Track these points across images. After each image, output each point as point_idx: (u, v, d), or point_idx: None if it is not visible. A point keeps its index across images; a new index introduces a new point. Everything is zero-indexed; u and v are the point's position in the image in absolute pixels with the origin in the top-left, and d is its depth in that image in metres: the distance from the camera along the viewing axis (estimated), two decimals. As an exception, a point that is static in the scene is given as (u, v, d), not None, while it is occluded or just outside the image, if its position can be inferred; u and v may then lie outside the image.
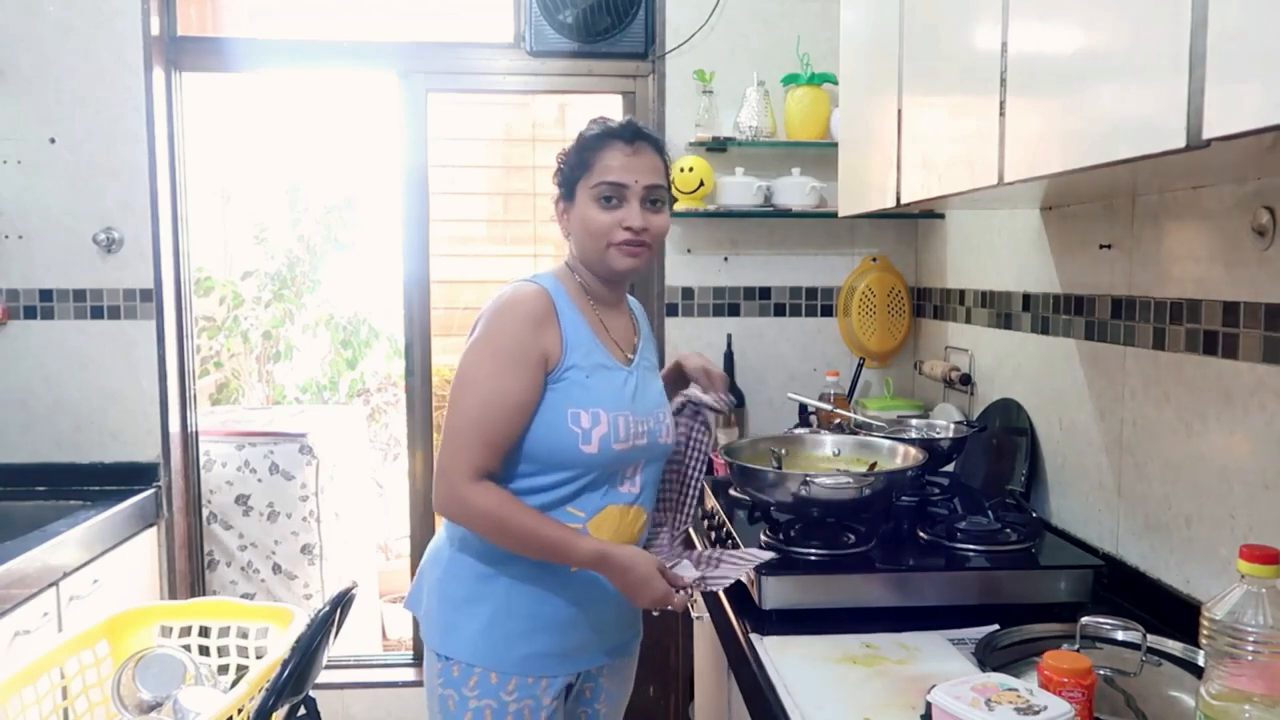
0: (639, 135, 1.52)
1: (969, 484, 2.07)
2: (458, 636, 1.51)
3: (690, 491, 1.69)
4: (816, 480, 1.62)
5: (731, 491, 2.00)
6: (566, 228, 1.57)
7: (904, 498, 1.92)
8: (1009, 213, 2.15)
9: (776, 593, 1.57)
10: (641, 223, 1.49)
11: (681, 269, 2.73)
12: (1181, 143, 0.91)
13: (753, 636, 1.50)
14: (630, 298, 1.71)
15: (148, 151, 2.59)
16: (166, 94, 2.67)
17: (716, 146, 2.62)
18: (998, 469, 2.10)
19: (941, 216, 2.58)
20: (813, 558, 1.65)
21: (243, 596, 3.28)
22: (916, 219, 2.69)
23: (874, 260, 2.77)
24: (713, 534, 1.95)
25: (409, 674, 2.91)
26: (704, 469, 1.70)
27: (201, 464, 2.93)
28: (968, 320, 2.40)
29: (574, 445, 1.46)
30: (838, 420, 2.30)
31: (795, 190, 2.59)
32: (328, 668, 1.91)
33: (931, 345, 2.66)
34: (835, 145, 2.29)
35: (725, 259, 2.74)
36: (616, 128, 1.52)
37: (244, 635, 2.06)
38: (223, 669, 2.05)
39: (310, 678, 1.81)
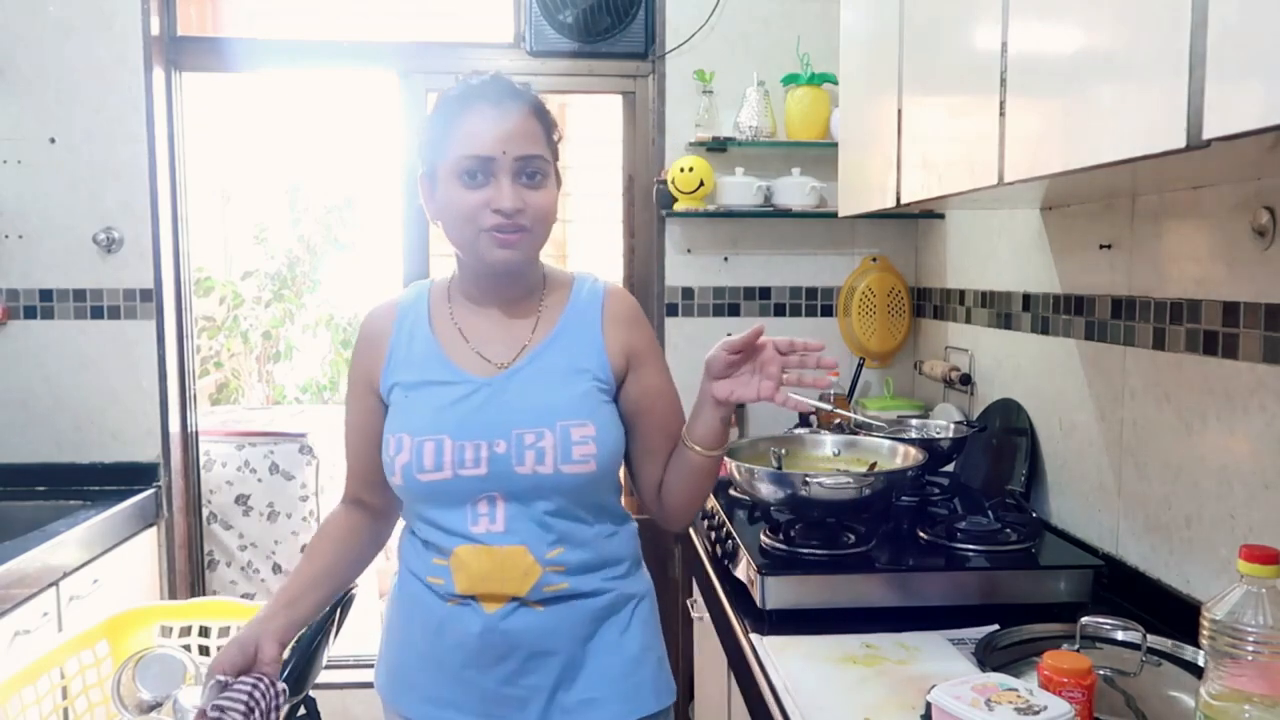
0: (508, 94, 1.26)
1: (969, 484, 2.07)
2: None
3: None
4: (816, 480, 1.62)
5: (731, 491, 2.00)
6: (433, 214, 1.31)
7: (904, 498, 1.92)
8: (1009, 213, 2.15)
9: (776, 593, 1.57)
10: (514, 202, 1.22)
11: (681, 269, 2.73)
12: (1181, 143, 0.91)
13: (753, 636, 1.50)
14: (587, 281, 1.39)
15: (148, 151, 2.59)
16: (166, 94, 2.67)
17: (716, 146, 2.62)
18: (998, 469, 2.10)
19: (941, 216, 2.58)
20: (813, 558, 1.65)
21: (243, 596, 3.28)
22: (916, 219, 2.69)
23: (874, 260, 2.77)
24: (713, 534, 1.95)
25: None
26: None
27: (201, 464, 2.93)
28: (968, 320, 2.40)
29: (388, 475, 1.30)
30: (838, 420, 2.30)
31: (795, 190, 2.59)
32: (328, 668, 1.91)
33: (931, 345, 2.66)
34: (835, 145, 2.29)
35: (725, 259, 2.74)
36: (479, 85, 1.26)
37: (244, 635, 2.05)
38: (223, 669, 2.04)
39: (310, 678, 1.81)
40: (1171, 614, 1.51)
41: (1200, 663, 1.25)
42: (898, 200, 1.76)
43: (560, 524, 1.27)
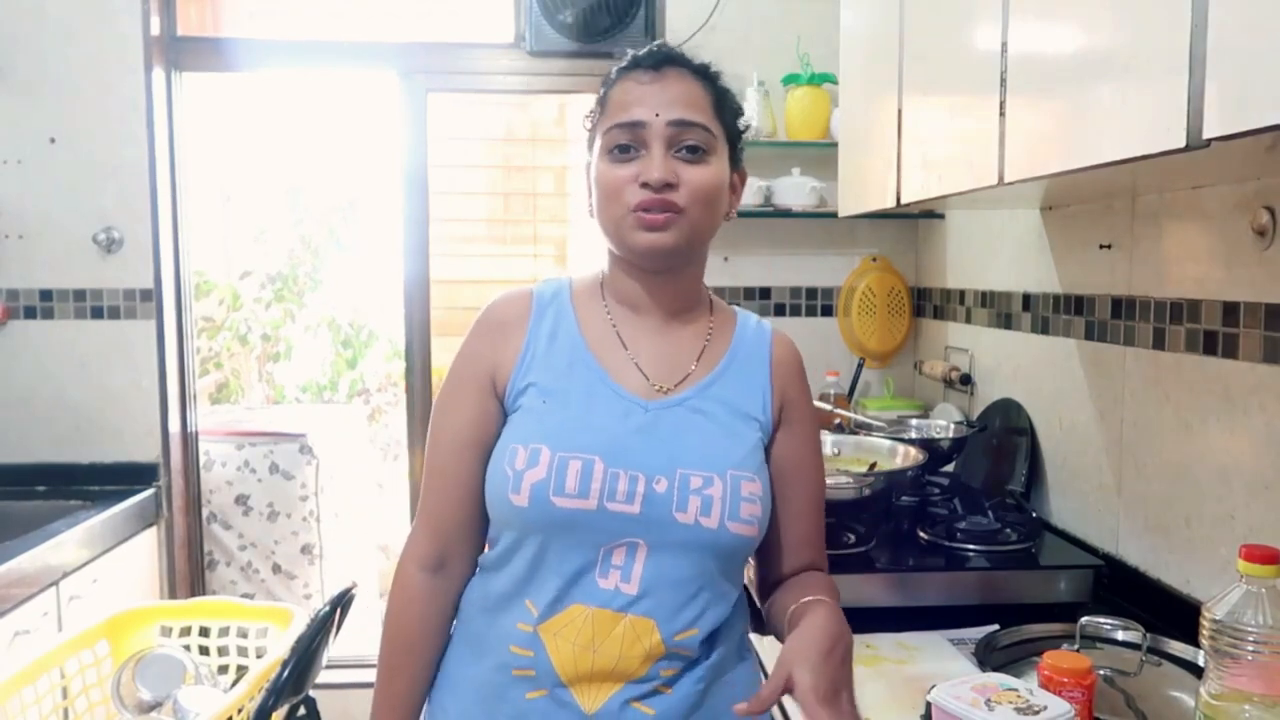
0: (668, 60, 1.08)
1: (969, 484, 2.07)
2: None
3: None
4: (816, 480, 1.62)
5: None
6: (588, 203, 1.15)
7: (904, 498, 1.92)
8: (1009, 213, 2.15)
9: (776, 593, 1.56)
10: (664, 173, 1.03)
11: (681, 269, 2.72)
12: (1181, 143, 0.91)
13: (753, 636, 1.50)
14: (753, 318, 1.20)
15: (148, 151, 2.58)
16: (166, 94, 2.66)
17: (716, 146, 2.61)
18: (998, 469, 2.10)
19: (941, 216, 2.58)
20: (813, 558, 1.65)
21: (243, 596, 3.28)
22: (916, 219, 2.69)
23: (874, 260, 2.76)
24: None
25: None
26: None
27: (201, 464, 2.93)
28: (968, 320, 2.40)
29: (503, 494, 1.04)
30: (838, 420, 2.30)
31: (795, 190, 2.59)
32: (328, 668, 1.91)
33: (931, 345, 2.66)
34: (835, 145, 2.29)
35: (725, 259, 2.74)
36: (643, 53, 1.09)
37: (244, 635, 2.05)
38: (223, 669, 2.04)
39: (310, 678, 1.81)
40: (1171, 614, 1.51)
41: (1200, 663, 1.26)
42: (898, 200, 1.76)
43: (705, 595, 1.05)
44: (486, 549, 1.15)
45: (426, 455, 1.14)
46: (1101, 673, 1.24)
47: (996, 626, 1.47)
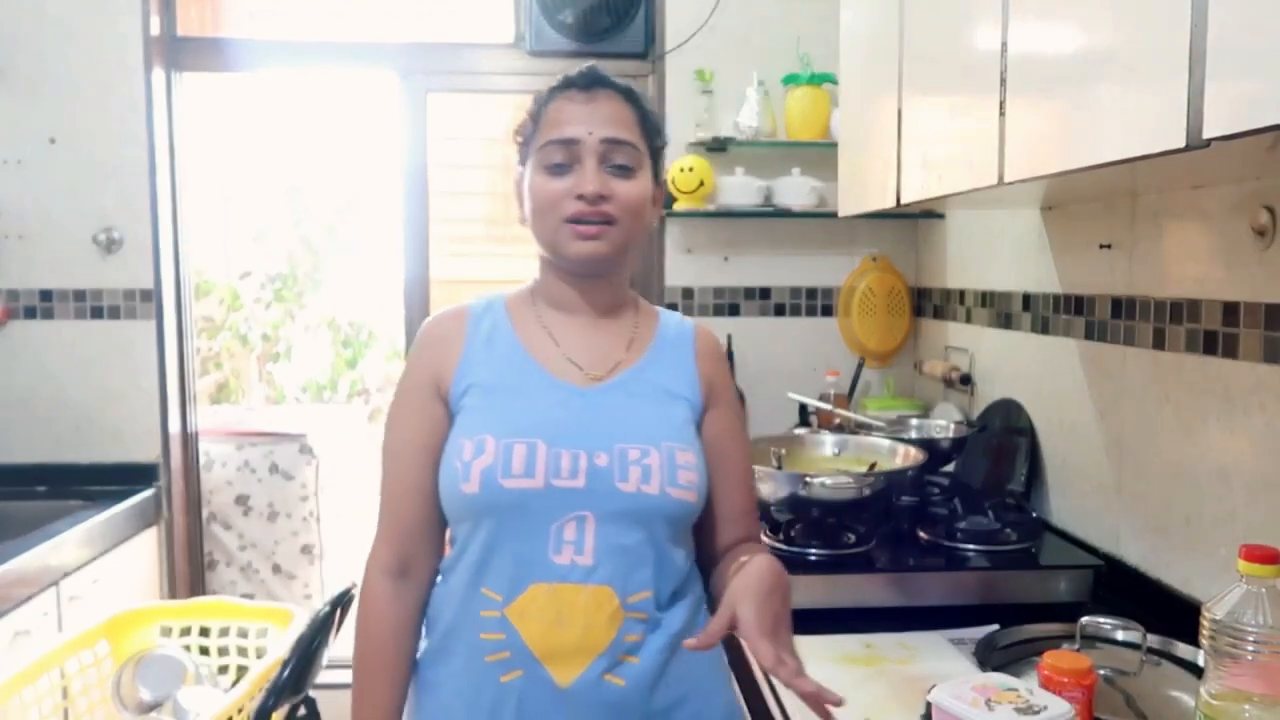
0: (598, 81, 1.17)
1: (969, 484, 2.07)
2: None
3: None
4: (816, 480, 1.62)
5: (731, 491, 2.00)
6: (521, 213, 1.22)
7: (904, 498, 1.92)
8: (1009, 213, 2.15)
9: (776, 593, 1.56)
10: (597, 185, 1.12)
11: (681, 269, 2.73)
12: (1181, 143, 0.91)
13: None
14: (675, 316, 1.29)
15: (148, 151, 2.59)
16: (166, 94, 2.67)
17: (716, 146, 2.62)
18: (998, 469, 2.10)
19: (941, 216, 2.58)
20: (813, 558, 1.65)
21: (243, 596, 3.28)
22: (916, 219, 2.69)
23: (874, 260, 2.76)
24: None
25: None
26: None
27: (201, 464, 2.93)
28: (968, 320, 2.40)
29: (455, 486, 1.10)
30: (838, 420, 2.30)
31: (795, 190, 2.59)
32: (328, 668, 1.91)
33: (931, 345, 2.66)
34: (835, 145, 2.29)
35: (725, 259, 2.74)
36: (575, 74, 1.18)
37: (244, 635, 2.05)
38: (223, 669, 2.04)
39: (310, 678, 1.81)
40: (1171, 614, 1.51)
41: (1200, 663, 1.26)
42: (898, 200, 1.76)
43: (653, 559, 1.12)
44: (447, 551, 1.20)
45: (382, 468, 1.20)
46: (1101, 673, 1.24)
47: (996, 626, 1.47)
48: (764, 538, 1.73)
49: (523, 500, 1.09)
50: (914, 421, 2.22)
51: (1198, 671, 1.27)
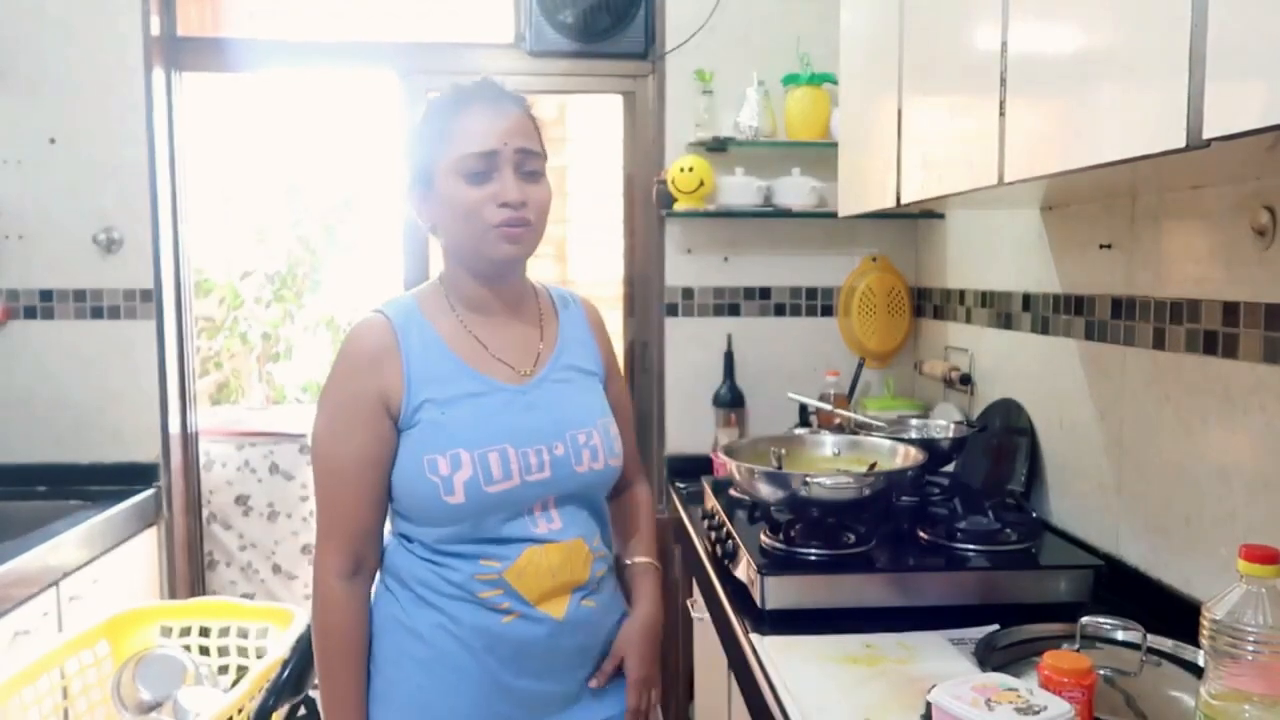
0: (502, 93, 1.29)
1: (969, 484, 2.07)
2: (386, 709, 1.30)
3: None
4: (816, 480, 1.62)
5: (731, 491, 2.00)
6: (429, 220, 1.30)
7: (904, 498, 1.92)
8: (1009, 213, 2.15)
9: (776, 593, 1.56)
10: (519, 195, 1.24)
11: (681, 269, 2.73)
12: (1181, 143, 0.91)
13: (753, 636, 1.50)
14: (560, 291, 1.45)
15: (148, 151, 2.59)
16: (166, 94, 2.67)
17: (716, 146, 2.62)
18: (998, 469, 2.10)
19: (941, 216, 2.58)
20: (813, 558, 1.65)
21: (243, 596, 3.28)
22: (916, 219, 2.69)
23: (874, 260, 2.77)
24: (713, 534, 1.95)
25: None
26: None
27: (201, 464, 2.93)
28: (968, 320, 2.40)
29: (435, 497, 1.23)
30: (838, 420, 2.30)
31: (795, 190, 2.59)
32: (328, 668, 1.91)
33: (931, 345, 2.66)
34: (835, 145, 2.29)
35: (725, 259, 2.74)
36: (472, 87, 1.28)
37: (244, 635, 2.06)
38: (223, 669, 2.05)
39: (310, 678, 1.80)
40: (1171, 614, 1.51)
41: (1200, 663, 1.26)
42: (898, 200, 1.76)
43: (600, 513, 1.38)
44: (390, 532, 1.34)
45: (323, 478, 1.28)
46: (1101, 673, 1.24)
47: (996, 626, 1.47)
48: (763, 537, 1.73)
49: (503, 499, 1.25)
50: (914, 421, 2.22)
51: (1198, 671, 1.26)
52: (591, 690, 1.35)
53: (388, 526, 1.35)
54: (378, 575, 1.35)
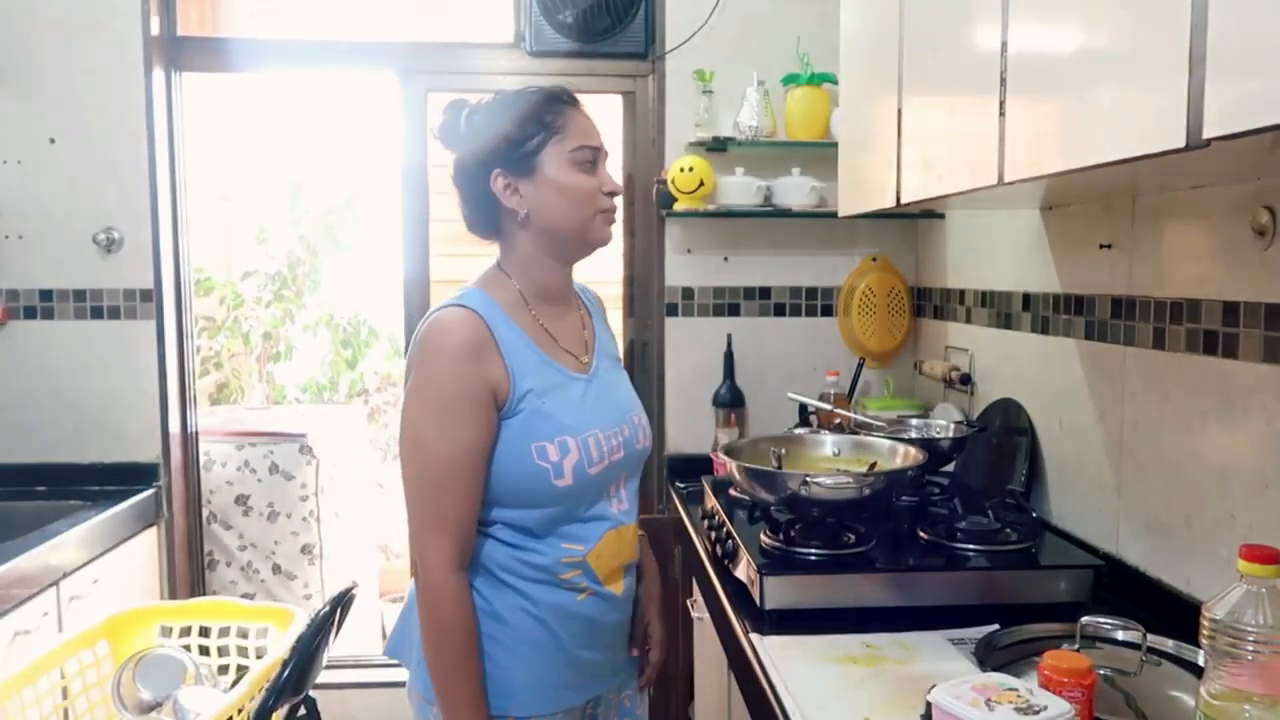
0: (578, 101, 1.43)
1: (969, 484, 2.07)
2: None
3: None
4: (816, 480, 1.62)
5: (731, 491, 2.00)
6: (519, 206, 1.34)
7: (904, 498, 1.92)
8: (1009, 213, 2.15)
9: (776, 593, 1.56)
10: (619, 186, 1.41)
11: (681, 269, 2.73)
12: (1181, 143, 0.91)
13: (753, 636, 1.50)
14: (575, 283, 1.52)
15: (148, 152, 2.59)
16: (166, 94, 2.67)
17: (716, 146, 2.62)
18: (998, 469, 2.10)
19: (941, 216, 2.58)
20: (813, 558, 1.65)
21: (243, 596, 3.28)
22: (916, 219, 2.69)
23: (874, 260, 2.76)
24: (713, 534, 1.95)
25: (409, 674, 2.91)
26: None
27: (201, 464, 2.93)
28: (968, 320, 2.40)
29: (546, 482, 1.30)
30: (838, 420, 2.30)
31: (795, 190, 2.59)
32: (328, 668, 1.91)
33: (931, 345, 2.66)
34: (835, 145, 2.29)
35: (725, 259, 2.74)
36: (560, 91, 1.40)
37: (244, 635, 2.06)
38: (223, 669, 2.05)
39: (310, 678, 1.81)
40: (1171, 614, 1.51)
41: (1200, 663, 1.26)
42: (898, 200, 1.76)
43: (637, 494, 1.48)
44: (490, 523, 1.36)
45: (433, 472, 1.28)
46: (1101, 673, 1.24)
47: (996, 626, 1.47)
48: (763, 537, 1.73)
49: (600, 480, 1.36)
50: (914, 421, 2.22)
51: (1198, 671, 1.26)
52: (625, 657, 1.49)
53: None
54: None
